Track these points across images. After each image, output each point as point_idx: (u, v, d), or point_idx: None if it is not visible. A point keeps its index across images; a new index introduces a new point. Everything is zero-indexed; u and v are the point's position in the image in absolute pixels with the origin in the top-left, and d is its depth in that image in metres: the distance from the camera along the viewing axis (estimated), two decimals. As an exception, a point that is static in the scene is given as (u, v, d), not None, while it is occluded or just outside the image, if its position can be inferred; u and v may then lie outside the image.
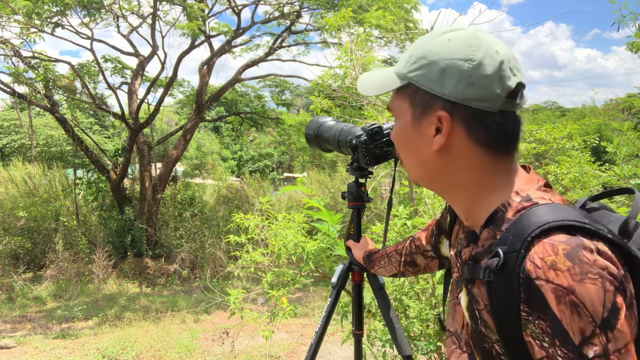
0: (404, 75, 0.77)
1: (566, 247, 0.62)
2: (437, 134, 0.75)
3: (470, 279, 0.75)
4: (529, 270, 0.63)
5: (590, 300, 0.60)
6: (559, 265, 0.61)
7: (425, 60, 0.74)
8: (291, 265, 3.60)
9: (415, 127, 0.77)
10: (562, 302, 0.60)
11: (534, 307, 0.63)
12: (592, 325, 0.60)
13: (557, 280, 0.61)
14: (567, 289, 0.60)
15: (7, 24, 7.23)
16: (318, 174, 13.20)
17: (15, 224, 8.80)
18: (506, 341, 0.68)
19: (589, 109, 33.42)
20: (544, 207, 0.69)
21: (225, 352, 4.72)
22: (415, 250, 1.23)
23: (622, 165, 3.21)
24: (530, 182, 0.76)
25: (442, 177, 0.80)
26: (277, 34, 10.10)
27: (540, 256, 0.63)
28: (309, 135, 1.65)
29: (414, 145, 0.79)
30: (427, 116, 0.75)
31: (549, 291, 0.61)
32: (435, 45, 0.74)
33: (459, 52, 0.72)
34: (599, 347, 0.59)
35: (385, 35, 5.10)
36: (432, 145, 0.76)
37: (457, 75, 0.72)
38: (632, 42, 3.92)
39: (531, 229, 0.66)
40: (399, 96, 0.80)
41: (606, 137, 12.36)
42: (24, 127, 17.07)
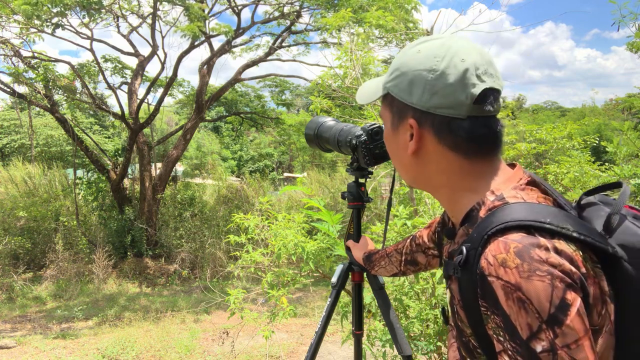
0: (384, 86, 0.84)
1: (518, 245, 0.64)
2: (411, 140, 0.80)
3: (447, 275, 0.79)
4: (483, 267, 0.66)
5: (537, 297, 0.61)
6: (508, 262, 0.63)
7: (398, 72, 0.80)
8: (291, 265, 3.60)
9: (395, 133, 0.84)
10: (510, 298, 0.63)
11: (489, 303, 0.65)
12: (538, 321, 0.61)
13: (506, 277, 0.63)
14: (514, 285, 0.62)
15: (7, 24, 7.23)
16: (318, 174, 13.20)
17: (15, 224, 8.80)
18: (477, 335, 0.71)
19: (589, 109, 33.42)
20: (512, 206, 0.71)
21: (225, 352, 4.72)
22: (416, 248, 1.24)
23: (622, 165, 3.21)
24: (509, 181, 0.78)
25: (422, 179, 0.86)
26: (277, 34, 10.11)
27: (493, 254, 0.65)
28: (309, 135, 1.65)
29: (395, 150, 0.86)
30: (402, 123, 0.81)
31: (498, 287, 0.64)
32: (408, 56, 0.80)
33: (424, 63, 0.77)
34: (546, 342, 0.61)
35: (385, 35, 5.10)
36: (407, 149, 0.81)
37: (422, 85, 0.76)
38: (632, 42, 3.92)
39: (490, 227, 0.68)
40: (383, 104, 0.86)
41: (606, 137, 12.36)
42: (24, 127, 17.07)
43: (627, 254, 0.68)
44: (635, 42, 3.90)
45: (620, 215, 0.71)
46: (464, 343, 0.76)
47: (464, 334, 0.76)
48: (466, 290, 0.70)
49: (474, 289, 0.68)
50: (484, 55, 0.76)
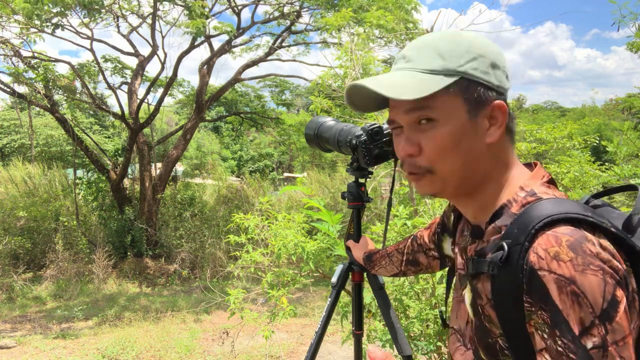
0: (454, 71, 0.73)
1: (569, 239, 0.63)
2: (491, 126, 0.75)
3: (475, 274, 0.76)
4: (532, 262, 0.64)
5: (591, 291, 0.60)
6: (561, 256, 0.62)
7: (473, 54, 0.74)
8: (291, 265, 3.60)
9: (472, 122, 0.74)
10: (563, 292, 0.61)
11: (536, 298, 0.63)
12: (591, 316, 0.60)
13: (560, 271, 0.62)
14: (568, 279, 0.61)
15: (7, 24, 7.23)
16: (318, 174, 13.20)
17: (15, 224, 8.80)
18: (509, 335, 0.69)
19: (589, 109, 33.43)
20: (548, 202, 0.70)
21: (225, 352, 4.71)
22: (417, 248, 1.23)
23: (622, 165, 3.21)
24: (535, 177, 0.77)
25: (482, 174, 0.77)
26: (277, 34, 10.10)
27: (544, 247, 0.64)
28: (309, 135, 1.65)
29: (468, 142, 0.75)
30: (483, 109, 0.74)
31: (551, 281, 0.62)
32: (470, 39, 0.76)
33: (493, 48, 0.76)
34: (598, 338, 0.60)
35: (385, 35, 5.10)
36: (485, 138, 0.75)
37: (501, 67, 0.75)
38: (632, 42, 3.92)
39: (535, 221, 0.67)
40: (444, 96, 0.73)
41: (606, 136, 12.36)
42: (24, 127, 17.07)
43: None
44: (635, 42, 3.91)
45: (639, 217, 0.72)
46: (489, 345, 0.74)
47: (490, 335, 0.73)
48: (505, 287, 0.68)
49: (517, 285, 0.66)
50: None
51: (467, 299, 0.81)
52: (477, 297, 0.76)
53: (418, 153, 0.76)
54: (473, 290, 0.77)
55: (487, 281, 0.72)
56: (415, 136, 0.76)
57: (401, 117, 0.77)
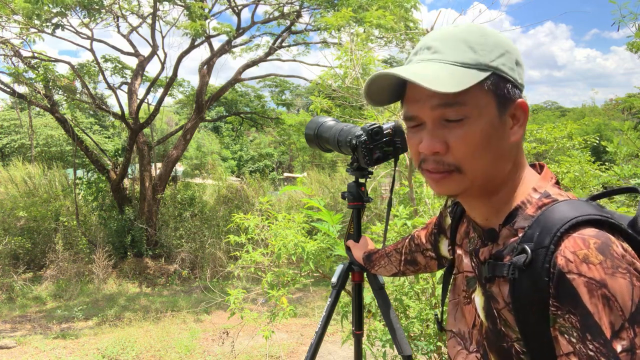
0: (487, 65, 0.70)
1: (597, 241, 0.63)
2: (514, 125, 0.74)
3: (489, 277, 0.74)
4: (561, 265, 0.63)
5: (621, 294, 0.60)
6: (591, 258, 0.61)
7: (502, 49, 0.72)
8: (291, 265, 3.60)
9: (502, 119, 0.72)
10: (594, 296, 0.60)
11: (565, 301, 0.62)
12: (621, 319, 0.59)
13: (590, 274, 0.61)
14: (599, 282, 0.60)
15: (7, 24, 7.23)
16: (318, 174, 13.20)
17: (15, 224, 8.80)
18: (527, 339, 0.68)
19: (589, 109, 33.41)
20: (564, 204, 0.69)
21: (225, 352, 4.71)
22: (415, 248, 1.22)
23: (622, 165, 3.21)
24: (545, 178, 0.76)
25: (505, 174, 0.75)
26: (277, 34, 10.10)
27: (572, 250, 0.63)
28: (309, 135, 1.65)
29: (497, 141, 0.72)
30: (509, 107, 0.73)
31: (581, 285, 0.61)
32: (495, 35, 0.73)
33: (513, 44, 0.74)
34: (627, 342, 0.59)
35: (385, 35, 5.10)
36: (510, 137, 0.73)
37: (522, 65, 0.75)
38: (632, 42, 3.92)
39: (559, 224, 0.66)
40: (476, 90, 0.69)
41: (606, 137, 12.36)
42: (24, 127, 17.07)
43: None
44: (635, 42, 3.90)
45: None
46: (503, 349, 0.73)
47: (505, 339, 0.72)
48: (527, 291, 0.66)
49: (541, 288, 0.65)
50: None
51: (478, 302, 0.79)
52: (492, 301, 0.74)
53: (445, 151, 0.72)
54: (486, 293, 0.76)
55: (505, 284, 0.71)
56: (441, 133, 0.72)
57: (426, 113, 0.72)
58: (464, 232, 0.92)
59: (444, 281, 1.05)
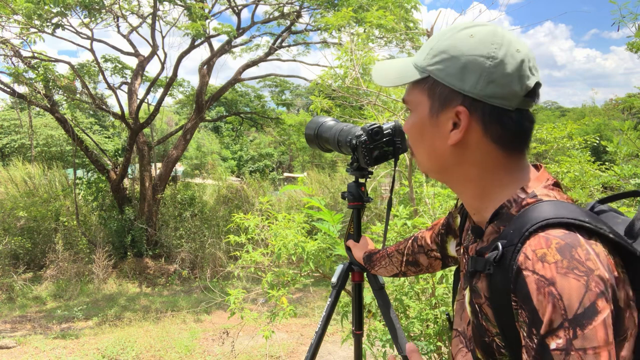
0: (424, 68, 0.77)
1: (560, 242, 0.63)
2: (454, 129, 0.76)
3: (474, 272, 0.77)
4: (520, 262, 0.65)
5: (569, 294, 0.60)
6: (547, 257, 0.63)
7: (446, 55, 0.74)
8: (291, 265, 3.60)
9: (433, 120, 0.77)
10: (541, 292, 0.62)
11: (519, 297, 0.64)
12: (562, 318, 0.60)
13: (542, 272, 0.62)
14: (548, 280, 0.61)
15: (7, 24, 7.23)
16: (318, 174, 13.20)
17: (15, 224, 8.80)
18: (505, 333, 0.69)
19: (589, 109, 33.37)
20: (547, 204, 0.70)
21: (225, 352, 4.71)
22: (418, 249, 1.23)
23: (622, 165, 3.21)
24: (539, 179, 0.77)
25: (453, 171, 0.80)
26: (277, 34, 10.10)
27: (533, 248, 0.64)
28: (309, 135, 1.65)
29: (429, 138, 0.79)
30: (445, 110, 0.76)
31: (532, 282, 0.63)
32: (457, 40, 0.74)
33: (481, 49, 0.72)
34: (563, 341, 0.60)
35: (385, 35, 5.10)
36: (447, 139, 0.76)
37: (478, 72, 0.72)
38: (632, 42, 3.92)
39: (530, 223, 0.67)
40: (416, 89, 0.79)
41: (606, 136, 12.35)
42: (24, 127, 17.06)
43: None
44: (635, 42, 3.90)
45: None
46: (486, 344, 0.74)
47: (487, 334, 0.74)
48: (498, 286, 0.69)
49: (507, 285, 0.67)
50: (530, 49, 0.75)
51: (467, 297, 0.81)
52: (475, 296, 0.76)
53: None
54: (472, 289, 0.78)
55: (485, 279, 0.73)
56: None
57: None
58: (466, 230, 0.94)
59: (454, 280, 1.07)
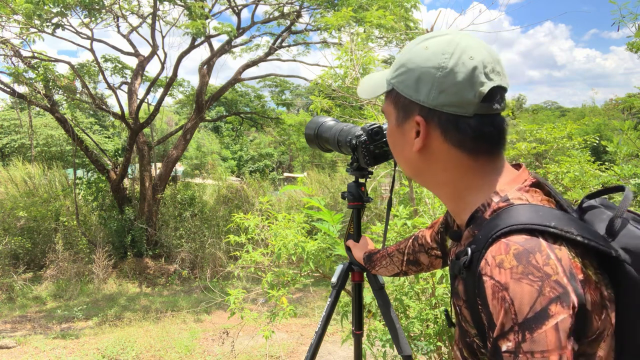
0: (389, 82, 0.82)
1: (518, 248, 0.65)
2: (417, 137, 0.79)
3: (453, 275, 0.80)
4: (481, 267, 0.67)
5: (520, 299, 0.62)
6: (504, 264, 0.64)
7: (404, 68, 0.79)
8: (291, 265, 3.60)
9: (400, 129, 0.83)
10: (495, 297, 0.64)
11: (481, 301, 0.67)
12: (512, 322, 0.62)
13: (497, 277, 0.64)
14: (502, 285, 0.63)
15: (7, 24, 7.23)
16: (318, 174, 13.20)
17: (15, 224, 8.80)
18: (480, 334, 0.72)
19: (589, 109, 33.38)
20: (517, 208, 0.71)
21: (225, 352, 4.72)
22: (418, 248, 1.24)
23: (622, 165, 3.21)
24: (514, 181, 0.78)
25: (426, 176, 0.85)
26: (277, 34, 10.10)
27: (493, 254, 0.66)
28: (309, 135, 1.65)
29: (400, 145, 0.85)
30: (408, 120, 0.80)
31: (489, 287, 0.65)
32: (414, 53, 0.78)
33: (432, 60, 0.75)
34: (512, 344, 0.61)
35: (385, 35, 5.10)
36: (413, 146, 0.80)
37: (429, 83, 0.75)
38: (632, 42, 3.92)
39: (495, 229, 0.69)
40: (387, 100, 0.85)
41: (606, 136, 12.36)
42: (24, 127, 17.07)
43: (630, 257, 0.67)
44: (635, 42, 3.90)
45: (623, 219, 0.71)
46: (468, 344, 0.77)
47: (468, 335, 0.76)
48: (470, 290, 0.71)
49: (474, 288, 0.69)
50: (492, 53, 0.75)
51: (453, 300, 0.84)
52: (456, 298, 0.78)
53: None
54: (453, 291, 0.80)
55: (462, 283, 0.75)
56: None
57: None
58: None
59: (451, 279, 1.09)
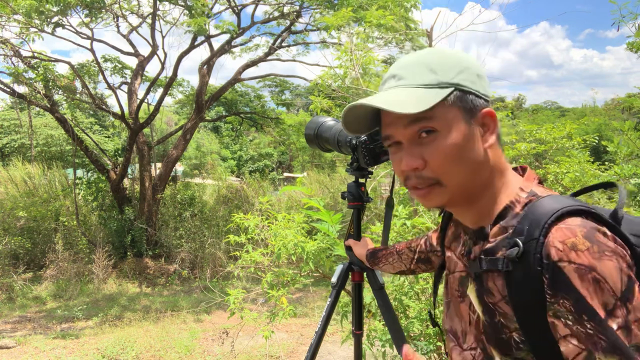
0: (448, 83, 0.77)
1: (583, 229, 0.67)
2: (485, 133, 0.79)
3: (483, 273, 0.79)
4: (551, 255, 0.67)
5: (610, 276, 0.64)
6: (579, 246, 0.66)
7: (461, 67, 0.79)
8: (291, 265, 3.60)
9: (471, 130, 0.77)
10: (585, 280, 0.65)
11: (558, 288, 0.66)
12: (613, 299, 0.64)
13: (579, 260, 0.65)
14: (588, 266, 0.65)
15: (7, 24, 7.22)
16: (318, 174, 13.20)
17: (15, 224, 8.80)
18: (527, 327, 0.71)
19: (589, 108, 33.39)
20: (548, 199, 0.74)
21: (225, 352, 4.71)
22: (430, 248, 1.27)
23: (622, 165, 3.21)
24: (529, 179, 0.82)
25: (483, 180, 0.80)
26: (277, 34, 10.10)
27: (561, 239, 0.67)
28: (308, 135, 1.65)
29: (471, 150, 0.77)
30: (475, 117, 0.78)
31: (572, 271, 0.65)
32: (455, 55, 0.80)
33: (474, 60, 0.81)
34: (622, 319, 0.63)
35: (384, 35, 5.10)
36: (482, 144, 0.79)
37: (484, 78, 0.80)
38: (632, 42, 3.91)
39: (546, 216, 0.70)
40: (442, 107, 0.76)
41: (606, 137, 12.36)
42: (24, 127, 17.07)
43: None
44: (635, 42, 3.90)
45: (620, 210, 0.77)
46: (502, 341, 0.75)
47: (504, 331, 0.75)
48: (522, 281, 0.70)
49: (535, 278, 0.69)
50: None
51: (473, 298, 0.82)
52: (486, 295, 0.78)
53: (423, 166, 0.77)
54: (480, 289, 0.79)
55: (500, 278, 0.75)
56: (417, 149, 0.77)
57: (400, 132, 0.79)
58: (452, 235, 0.97)
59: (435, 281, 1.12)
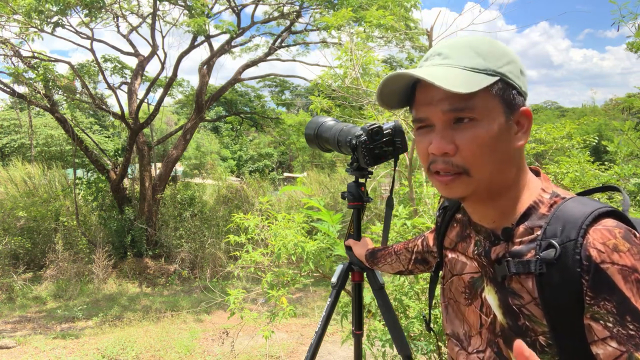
0: (495, 71, 0.73)
1: (620, 230, 0.67)
2: (519, 131, 0.77)
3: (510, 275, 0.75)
4: (593, 257, 0.66)
5: None
6: (620, 247, 0.65)
7: (508, 58, 0.75)
8: (291, 265, 3.61)
9: (508, 124, 0.75)
10: (629, 281, 0.64)
11: (600, 290, 0.65)
12: None
13: (622, 261, 0.65)
14: (631, 268, 0.64)
15: (7, 24, 7.22)
16: (318, 174, 13.20)
17: (15, 224, 8.79)
18: (557, 330, 0.70)
19: (589, 108, 33.38)
20: (573, 201, 0.74)
21: (225, 352, 4.71)
22: (426, 249, 1.25)
23: (622, 165, 3.21)
24: (546, 180, 0.81)
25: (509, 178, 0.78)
26: (277, 34, 10.10)
27: (601, 241, 0.67)
28: (308, 135, 1.65)
29: (504, 144, 0.75)
30: (514, 113, 0.76)
31: (615, 272, 0.65)
32: (503, 46, 0.77)
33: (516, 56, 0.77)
34: None
35: (384, 35, 5.10)
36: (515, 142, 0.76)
37: (525, 75, 0.78)
38: (632, 42, 3.92)
39: (582, 218, 0.69)
40: (484, 94, 0.73)
41: (606, 137, 12.35)
42: (24, 127, 17.07)
43: None
44: (635, 42, 3.90)
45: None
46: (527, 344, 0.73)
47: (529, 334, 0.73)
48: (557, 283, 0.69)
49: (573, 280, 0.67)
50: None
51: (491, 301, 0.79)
52: (511, 297, 0.75)
53: (454, 152, 0.74)
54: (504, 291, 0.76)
55: (528, 280, 0.73)
56: (451, 134, 0.74)
57: (437, 115, 0.75)
58: (457, 236, 0.92)
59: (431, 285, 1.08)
